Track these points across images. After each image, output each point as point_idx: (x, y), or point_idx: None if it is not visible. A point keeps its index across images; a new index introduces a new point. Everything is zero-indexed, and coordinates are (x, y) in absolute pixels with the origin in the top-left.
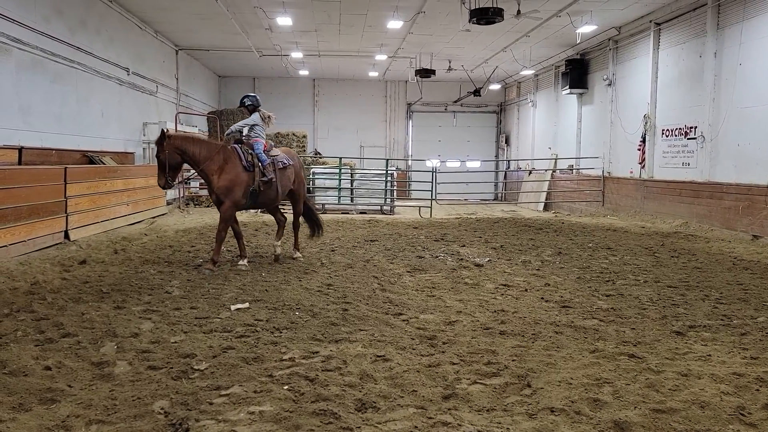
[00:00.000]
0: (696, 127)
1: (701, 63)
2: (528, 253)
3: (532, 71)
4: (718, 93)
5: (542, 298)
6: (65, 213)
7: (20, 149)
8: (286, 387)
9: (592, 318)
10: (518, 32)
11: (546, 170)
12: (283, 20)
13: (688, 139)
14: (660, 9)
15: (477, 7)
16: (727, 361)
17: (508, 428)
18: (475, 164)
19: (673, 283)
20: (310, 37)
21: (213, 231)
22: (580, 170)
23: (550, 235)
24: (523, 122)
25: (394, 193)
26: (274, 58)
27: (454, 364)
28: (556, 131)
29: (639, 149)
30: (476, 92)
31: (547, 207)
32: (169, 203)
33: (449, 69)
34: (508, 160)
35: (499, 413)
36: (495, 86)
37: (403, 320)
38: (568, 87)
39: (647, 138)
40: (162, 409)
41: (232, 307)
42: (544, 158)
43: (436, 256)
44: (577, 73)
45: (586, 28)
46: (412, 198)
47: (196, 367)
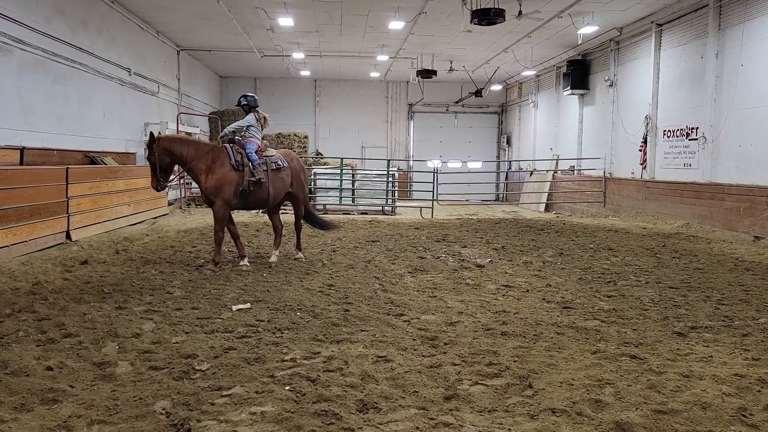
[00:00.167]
0: (697, 128)
1: (703, 64)
2: (529, 254)
3: (534, 72)
4: (720, 94)
5: (544, 299)
6: (67, 213)
7: (22, 149)
8: (287, 387)
9: (593, 319)
10: (520, 33)
11: (547, 171)
12: (285, 21)
13: (690, 140)
14: (661, 10)
15: (478, 7)
16: (728, 362)
17: (509, 429)
18: (477, 165)
19: (675, 284)
20: (311, 37)
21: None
22: (582, 171)
23: (552, 236)
24: (525, 123)
25: (396, 194)
26: (275, 58)
27: (456, 365)
28: (558, 132)
29: (640, 150)
30: (477, 93)
31: (548, 208)
32: (170, 203)
33: (450, 69)
34: (510, 161)
35: (500, 414)
36: (496, 87)
37: (405, 321)
38: (569, 88)
39: (649, 139)
40: (163, 409)
41: (234, 308)
42: (545, 159)
43: (438, 257)
44: (578, 74)
45: (588, 29)
46: (414, 199)
47: (197, 368)
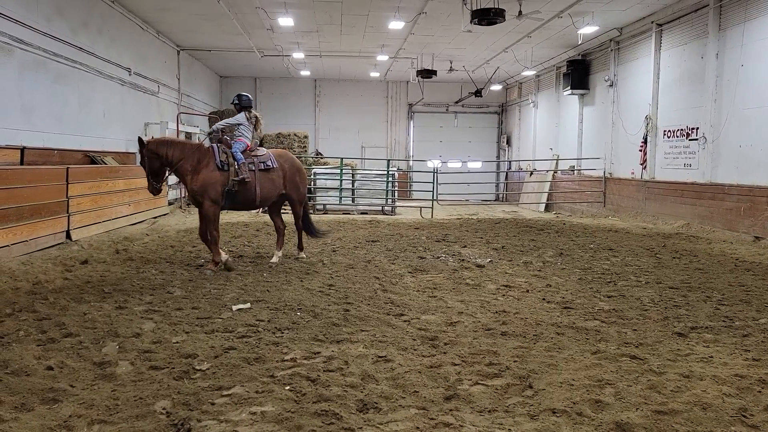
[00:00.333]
0: (698, 128)
1: (703, 64)
2: (529, 254)
3: (534, 72)
4: (720, 94)
5: (544, 299)
6: (67, 213)
7: (22, 149)
8: (287, 387)
9: (593, 319)
10: (520, 33)
11: (547, 171)
12: (285, 21)
13: (690, 140)
14: (662, 10)
15: (478, 7)
16: (729, 363)
17: (509, 429)
18: (477, 165)
19: (675, 285)
20: (311, 37)
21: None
22: (582, 171)
23: (552, 236)
24: (525, 123)
25: (396, 194)
26: (275, 58)
27: (456, 365)
28: (558, 132)
29: (640, 150)
30: (477, 93)
31: (548, 208)
32: (170, 203)
33: (450, 69)
34: (510, 161)
35: (500, 414)
36: (496, 87)
37: (405, 321)
38: (569, 88)
39: (649, 139)
40: (164, 409)
41: (234, 308)
42: (545, 159)
43: (438, 257)
44: (578, 74)
45: (588, 29)
46: (414, 199)
47: (197, 368)
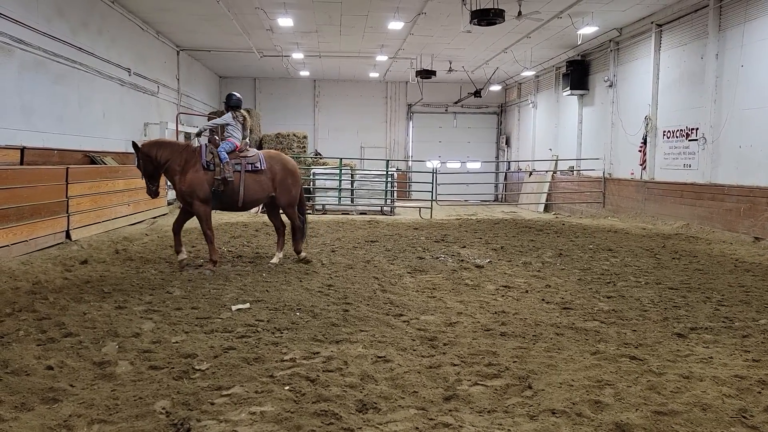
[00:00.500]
0: (697, 128)
1: (703, 65)
2: (529, 255)
3: (533, 72)
4: (720, 95)
5: (543, 300)
6: (67, 213)
7: (22, 149)
8: (287, 387)
9: (593, 320)
10: (519, 33)
11: (546, 171)
12: (284, 21)
13: (690, 140)
14: (661, 10)
15: (478, 8)
16: (728, 364)
17: (509, 430)
18: (476, 165)
19: (675, 285)
20: (310, 37)
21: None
22: (581, 171)
23: (551, 237)
24: (524, 123)
25: (395, 194)
26: (274, 58)
27: (455, 366)
28: (557, 132)
29: (640, 151)
30: (477, 93)
31: (547, 208)
32: (170, 203)
33: (450, 70)
34: (509, 161)
35: (499, 415)
36: (495, 87)
37: (404, 321)
38: (569, 88)
39: (648, 139)
40: (163, 409)
41: (233, 308)
42: (544, 159)
43: (437, 257)
44: (577, 75)
45: (587, 30)
46: (413, 199)
47: (197, 367)
